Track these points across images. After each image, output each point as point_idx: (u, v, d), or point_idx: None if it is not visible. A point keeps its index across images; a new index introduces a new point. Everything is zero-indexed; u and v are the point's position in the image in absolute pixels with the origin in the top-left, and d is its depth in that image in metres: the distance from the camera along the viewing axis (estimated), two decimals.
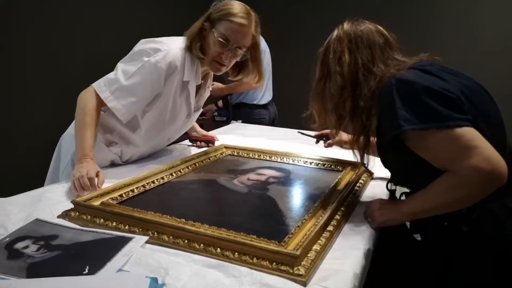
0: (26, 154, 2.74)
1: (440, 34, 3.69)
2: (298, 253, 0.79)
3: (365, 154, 1.11)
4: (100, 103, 1.31)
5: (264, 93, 2.85)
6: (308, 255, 0.83)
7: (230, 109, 2.90)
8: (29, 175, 2.69)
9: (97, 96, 1.30)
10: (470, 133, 0.86)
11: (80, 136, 1.26)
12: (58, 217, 1.01)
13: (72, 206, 1.04)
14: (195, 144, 1.82)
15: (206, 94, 1.65)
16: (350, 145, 1.12)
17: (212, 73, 1.55)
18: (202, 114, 3.00)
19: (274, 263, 0.80)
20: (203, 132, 1.86)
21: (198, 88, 1.54)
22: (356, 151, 1.12)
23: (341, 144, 1.42)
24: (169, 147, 1.75)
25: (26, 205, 1.07)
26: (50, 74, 2.82)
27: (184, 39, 1.41)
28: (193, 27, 1.40)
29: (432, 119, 0.87)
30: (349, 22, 1.08)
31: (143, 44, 1.37)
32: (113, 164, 1.48)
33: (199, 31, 1.37)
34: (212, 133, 2.08)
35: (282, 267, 0.79)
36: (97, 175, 1.16)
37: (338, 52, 1.04)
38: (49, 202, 1.09)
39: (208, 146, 1.78)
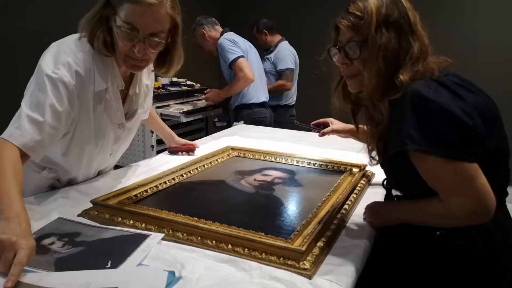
0: None
1: (439, 36, 3.74)
2: (303, 249, 0.86)
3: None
4: (14, 151, 0.99)
5: (260, 91, 2.95)
6: (313, 251, 0.90)
7: (229, 114, 2.99)
8: None
9: (11, 146, 0.99)
10: (471, 170, 0.85)
11: (2, 190, 0.90)
12: (79, 215, 1.09)
13: (91, 205, 1.11)
14: (176, 154, 1.71)
15: (142, 92, 1.32)
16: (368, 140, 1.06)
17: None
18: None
19: (282, 258, 0.87)
20: (182, 141, 1.75)
21: (127, 92, 1.26)
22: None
23: (336, 133, 1.47)
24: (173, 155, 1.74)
25: (47, 204, 1.14)
26: None
27: (78, 38, 1.14)
28: (87, 17, 1.10)
29: (437, 145, 0.85)
30: None
31: (41, 58, 1.11)
32: (117, 166, 1.51)
33: (99, 21, 1.08)
34: (216, 135, 2.15)
35: (289, 262, 0.86)
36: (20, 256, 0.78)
37: (381, 37, 0.92)
38: (67, 202, 1.16)
39: (189, 155, 1.71)
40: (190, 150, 1.74)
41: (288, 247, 0.87)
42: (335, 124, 1.44)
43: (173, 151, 1.73)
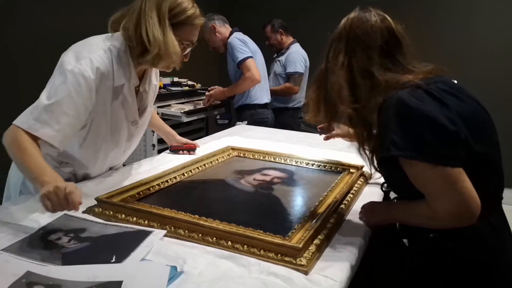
0: None
1: (440, 36, 3.77)
2: (300, 246, 0.90)
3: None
4: (29, 137, 1.07)
5: (263, 93, 2.98)
6: (310, 248, 0.94)
7: (231, 112, 3.02)
8: None
9: (22, 131, 1.07)
10: (454, 175, 0.88)
11: (31, 163, 1.04)
12: (84, 212, 1.12)
13: (95, 202, 1.15)
14: (178, 153, 1.75)
15: (151, 91, 1.44)
16: (359, 146, 1.08)
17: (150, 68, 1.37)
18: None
19: (279, 255, 0.90)
20: (184, 140, 1.79)
21: (138, 89, 1.36)
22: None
23: (341, 136, 1.48)
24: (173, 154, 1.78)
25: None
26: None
27: (106, 37, 1.25)
28: (151, 32, 1.18)
29: (421, 151, 0.88)
30: (356, 13, 1.03)
31: (62, 57, 1.18)
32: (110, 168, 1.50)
33: (163, 36, 1.19)
34: (216, 135, 2.19)
35: (286, 258, 0.89)
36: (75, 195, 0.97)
37: (336, 52, 1.02)
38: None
39: (190, 154, 1.74)
40: (191, 149, 1.77)
41: (286, 244, 0.91)
42: (341, 128, 1.46)
43: (175, 150, 1.77)
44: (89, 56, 1.16)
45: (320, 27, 1.22)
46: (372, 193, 1.35)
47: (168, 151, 1.80)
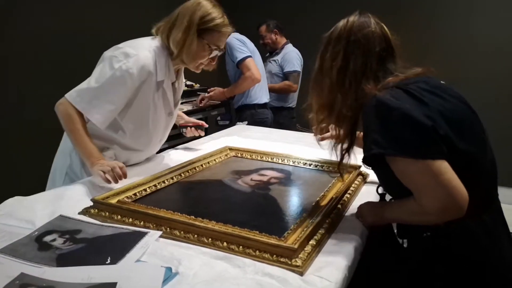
0: (40, 154, 2.85)
1: (440, 36, 3.77)
2: (296, 246, 0.89)
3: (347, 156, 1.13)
4: (77, 111, 1.34)
5: (262, 92, 2.99)
6: (305, 248, 0.93)
7: (232, 112, 3.02)
8: (43, 174, 2.82)
9: (73, 106, 1.33)
10: (436, 167, 0.88)
11: (83, 144, 1.32)
12: (79, 213, 1.12)
13: (91, 203, 1.15)
14: (185, 130, 1.84)
15: (181, 87, 1.68)
16: (334, 144, 1.14)
17: (183, 67, 1.58)
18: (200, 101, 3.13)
19: (275, 256, 0.90)
20: (192, 120, 1.89)
21: (173, 84, 1.57)
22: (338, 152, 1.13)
23: (334, 138, 1.48)
24: (171, 151, 1.84)
25: (49, 202, 1.18)
26: (60, 79, 2.92)
27: (150, 40, 1.46)
28: (175, 34, 1.41)
29: (401, 148, 0.90)
30: (356, 17, 1.05)
31: (113, 51, 1.39)
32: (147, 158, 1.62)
33: (185, 38, 1.40)
34: (215, 135, 2.19)
35: (282, 259, 0.89)
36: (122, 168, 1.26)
37: (334, 53, 1.03)
38: (70, 200, 1.19)
39: (198, 133, 1.84)
40: (198, 127, 1.84)
41: (281, 245, 0.91)
42: (336, 129, 1.45)
43: (182, 126, 1.85)
44: (137, 54, 1.36)
45: (320, 27, 1.21)
46: (369, 193, 1.35)
47: (167, 150, 1.84)
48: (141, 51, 1.38)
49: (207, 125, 1.88)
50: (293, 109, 3.45)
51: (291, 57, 3.30)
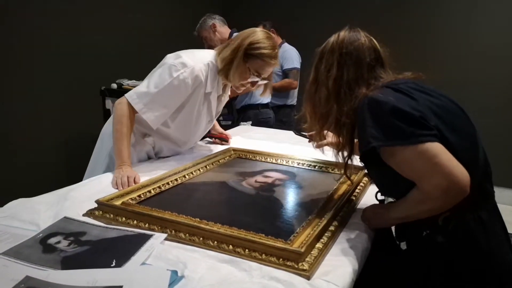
0: (42, 154, 2.85)
1: (440, 37, 3.75)
2: (302, 250, 0.89)
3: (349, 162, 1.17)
4: (133, 112, 1.48)
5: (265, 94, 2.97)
6: (312, 252, 0.92)
7: (234, 113, 3.01)
8: (47, 174, 2.82)
9: (131, 106, 1.47)
10: (432, 149, 0.91)
11: (119, 146, 1.44)
12: (84, 215, 1.11)
13: (96, 205, 1.14)
14: (211, 140, 2.03)
15: (225, 99, 1.83)
16: (333, 147, 1.19)
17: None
18: None
19: (281, 259, 0.89)
20: (220, 130, 2.05)
21: (219, 96, 1.73)
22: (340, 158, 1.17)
23: (330, 145, 1.48)
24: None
25: (53, 203, 1.17)
26: (61, 78, 2.92)
27: (208, 53, 1.60)
28: (225, 51, 1.55)
29: (396, 137, 0.94)
30: (346, 31, 1.12)
31: (172, 60, 1.51)
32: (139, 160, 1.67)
33: (232, 58, 1.53)
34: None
35: (288, 263, 0.88)
36: (134, 178, 1.34)
37: (328, 64, 1.09)
38: (74, 201, 1.19)
39: (222, 144, 1.98)
40: (223, 140, 1.99)
41: (288, 248, 0.90)
42: (330, 137, 1.45)
43: (210, 136, 2.02)
44: (193, 66, 1.50)
45: (320, 28, 1.24)
46: (374, 195, 1.33)
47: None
48: (197, 63, 1.52)
49: (231, 137, 2.01)
50: (294, 107, 3.43)
51: (290, 54, 3.30)
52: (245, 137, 2.20)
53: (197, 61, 1.53)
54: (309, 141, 1.55)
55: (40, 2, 2.73)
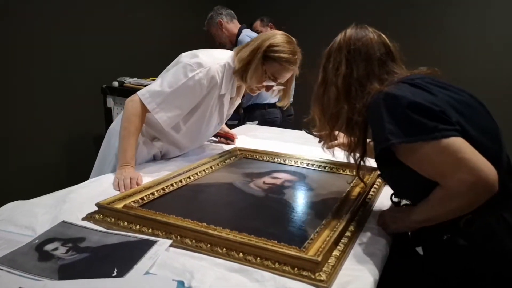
0: (43, 154, 2.79)
1: (450, 35, 3.68)
2: (319, 259, 0.82)
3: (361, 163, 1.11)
4: (145, 111, 1.42)
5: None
6: (329, 260, 0.86)
7: (240, 112, 2.93)
8: (47, 175, 2.76)
9: (142, 105, 1.41)
10: (456, 144, 0.86)
11: (124, 145, 1.38)
12: (83, 219, 1.05)
13: (96, 208, 1.07)
14: (216, 139, 1.94)
15: (237, 102, 1.77)
16: (345, 148, 1.14)
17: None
18: None
19: (296, 269, 0.82)
20: (226, 129, 1.96)
21: (231, 98, 1.67)
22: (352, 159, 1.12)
23: (342, 146, 1.42)
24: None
25: (51, 206, 1.11)
26: (62, 76, 2.86)
27: (225, 54, 1.54)
28: (244, 52, 1.49)
29: (417, 132, 0.88)
30: (353, 28, 1.08)
31: (188, 59, 1.46)
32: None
33: (250, 60, 1.46)
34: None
35: (304, 273, 0.81)
36: (137, 180, 1.28)
37: (336, 62, 1.05)
38: (73, 204, 1.12)
39: (227, 143, 1.90)
40: (228, 139, 1.91)
41: (303, 256, 0.83)
42: (341, 137, 1.39)
43: (215, 136, 1.90)
44: (209, 67, 1.43)
45: (322, 27, 1.21)
46: (389, 197, 1.27)
47: None
48: (214, 64, 1.45)
49: (237, 137, 1.94)
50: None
51: None
52: (251, 136, 2.13)
53: (214, 61, 1.46)
54: (320, 142, 1.49)
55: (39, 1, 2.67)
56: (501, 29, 3.53)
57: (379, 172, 1.39)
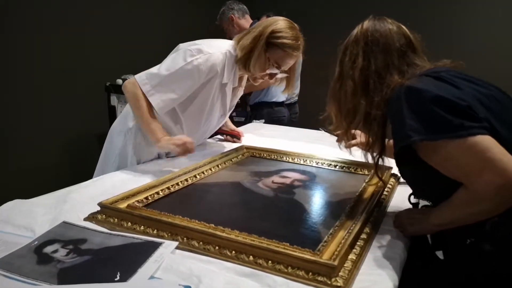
0: (45, 154, 2.75)
1: (461, 34, 3.62)
2: (336, 263, 0.76)
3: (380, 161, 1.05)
4: (143, 93, 1.39)
5: (281, 91, 2.83)
6: (345, 265, 0.80)
7: (247, 109, 2.88)
8: (50, 175, 2.71)
9: (139, 87, 1.38)
10: (484, 142, 0.80)
11: (150, 121, 1.38)
12: (85, 219, 1.00)
13: (98, 208, 1.02)
14: (222, 137, 1.90)
15: (240, 93, 1.71)
16: (363, 147, 1.08)
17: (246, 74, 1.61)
18: None
19: (311, 273, 0.77)
20: (231, 126, 1.92)
21: (234, 89, 1.61)
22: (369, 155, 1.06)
23: (360, 146, 1.36)
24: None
25: (51, 206, 1.06)
26: (64, 73, 2.82)
27: (226, 43, 1.49)
28: (245, 39, 1.45)
29: (441, 129, 0.82)
30: (370, 20, 1.03)
31: (189, 45, 1.43)
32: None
33: (252, 47, 1.42)
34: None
35: (319, 278, 0.76)
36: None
37: (353, 55, 1.00)
38: (74, 204, 1.08)
39: (233, 141, 1.86)
40: (234, 137, 1.86)
41: (318, 260, 0.78)
42: (359, 135, 1.33)
43: (221, 133, 1.88)
44: (210, 53, 1.40)
45: (333, 22, 1.15)
46: (404, 197, 1.20)
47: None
48: (214, 51, 1.41)
49: (243, 135, 1.89)
50: (293, 105, 3.20)
51: None
52: (257, 134, 2.08)
53: (214, 49, 1.42)
54: (337, 141, 1.43)
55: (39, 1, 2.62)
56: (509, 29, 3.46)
57: (392, 172, 1.34)
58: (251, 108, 2.87)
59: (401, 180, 1.35)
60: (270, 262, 0.81)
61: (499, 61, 3.47)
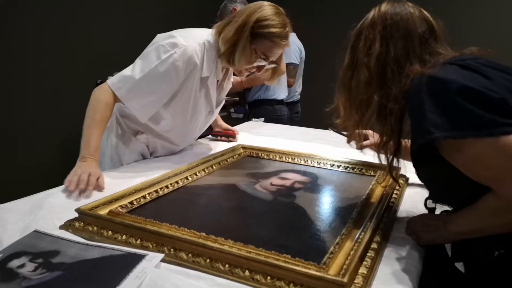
0: (29, 155, 2.64)
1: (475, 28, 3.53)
2: (345, 280, 0.66)
3: (395, 161, 0.94)
4: (115, 100, 1.26)
5: (282, 88, 2.74)
6: (355, 281, 0.70)
7: (246, 106, 2.77)
8: (30, 178, 2.59)
9: (112, 93, 1.25)
10: None
11: (88, 134, 1.21)
12: (61, 227, 0.89)
13: (76, 214, 0.92)
14: (216, 139, 1.78)
15: (228, 86, 1.57)
16: (376, 148, 0.96)
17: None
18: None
19: None
20: (225, 125, 1.80)
21: (218, 82, 1.47)
22: (383, 156, 0.95)
23: (374, 146, 1.26)
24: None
25: (25, 212, 0.95)
26: (55, 74, 2.72)
27: (204, 32, 1.36)
28: (227, 31, 1.30)
29: (469, 125, 0.72)
30: (389, 3, 0.92)
31: (161, 40, 1.29)
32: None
33: (236, 40, 1.29)
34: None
35: None
36: (98, 179, 1.11)
37: (369, 40, 0.89)
38: (51, 209, 0.97)
39: (229, 141, 1.75)
40: (230, 136, 1.75)
41: (325, 277, 0.67)
42: (372, 135, 1.22)
43: (214, 135, 1.78)
44: (185, 46, 1.26)
45: (334, 21, 1.03)
46: (415, 201, 1.10)
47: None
48: (191, 43, 1.28)
49: (239, 133, 1.80)
50: (295, 103, 3.11)
51: (289, 48, 3.03)
52: (254, 133, 1.97)
53: (191, 40, 1.29)
54: (348, 142, 1.33)
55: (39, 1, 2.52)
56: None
57: (401, 172, 1.24)
58: (250, 106, 2.77)
59: (410, 181, 1.25)
60: (269, 278, 0.70)
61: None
